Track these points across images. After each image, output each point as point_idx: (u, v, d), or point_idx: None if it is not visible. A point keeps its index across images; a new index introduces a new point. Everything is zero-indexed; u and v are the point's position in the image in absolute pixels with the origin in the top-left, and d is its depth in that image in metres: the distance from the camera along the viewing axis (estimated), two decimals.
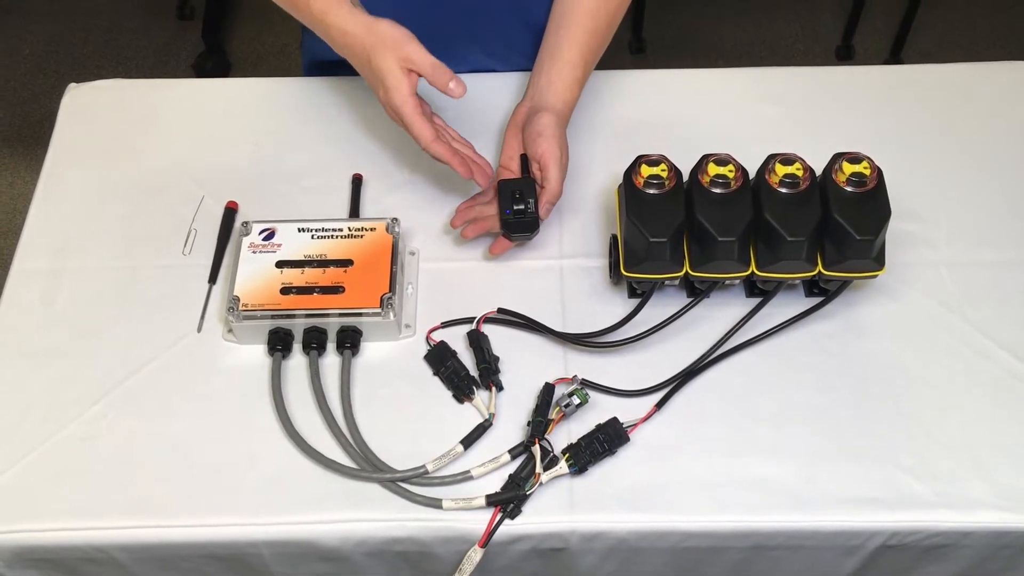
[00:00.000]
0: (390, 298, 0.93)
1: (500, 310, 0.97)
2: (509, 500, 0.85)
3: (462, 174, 0.96)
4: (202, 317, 0.97)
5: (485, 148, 1.09)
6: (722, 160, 0.91)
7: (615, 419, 0.89)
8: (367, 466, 0.87)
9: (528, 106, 1.03)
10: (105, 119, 1.14)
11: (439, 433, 0.89)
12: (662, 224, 0.89)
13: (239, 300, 0.93)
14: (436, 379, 0.94)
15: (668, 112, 1.14)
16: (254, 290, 0.94)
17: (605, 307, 0.97)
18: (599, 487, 0.87)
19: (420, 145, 0.95)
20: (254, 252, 0.97)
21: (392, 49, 0.93)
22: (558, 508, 0.86)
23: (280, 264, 0.96)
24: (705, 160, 0.91)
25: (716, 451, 0.89)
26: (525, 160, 1.01)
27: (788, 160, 0.91)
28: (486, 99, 1.12)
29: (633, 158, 0.93)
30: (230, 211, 1.05)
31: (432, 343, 0.95)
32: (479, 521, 0.85)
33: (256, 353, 0.95)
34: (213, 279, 1.00)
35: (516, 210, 0.97)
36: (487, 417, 0.90)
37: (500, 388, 0.92)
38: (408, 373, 0.94)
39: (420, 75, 0.94)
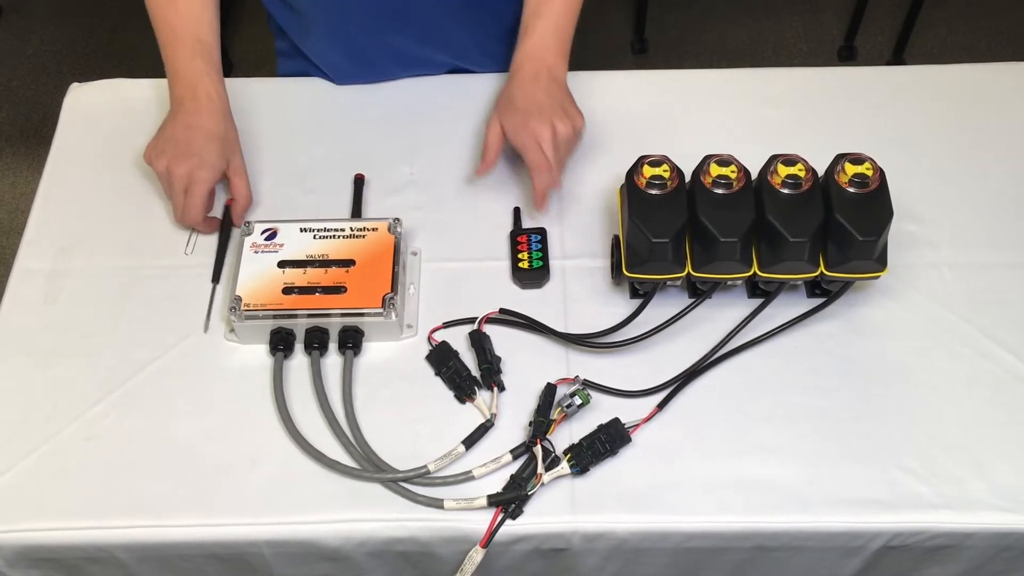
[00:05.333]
0: (392, 298, 0.93)
1: (502, 310, 0.97)
2: (511, 500, 0.85)
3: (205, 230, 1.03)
4: (207, 317, 0.97)
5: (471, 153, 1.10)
6: (724, 161, 0.91)
7: (617, 419, 0.89)
8: (369, 466, 0.87)
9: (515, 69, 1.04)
10: (108, 119, 1.14)
11: (441, 433, 0.89)
12: (664, 225, 0.89)
13: (241, 300, 0.93)
14: (438, 379, 0.94)
15: (670, 113, 1.14)
16: (256, 290, 0.94)
17: (607, 308, 0.97)
18: (601, 488, 0.87)
19: (175, 216, 1.02)
20: (256, 252, 0.97)
21: (232, 148, 1.03)
22: (560, 508, 0.86)
23: (282, 264, 0.96)
24: (707, 161, 0.91)
25: (718, 452, 0.89)
26: (517, 213, 1.03)
27: (790, 161, 0.91)
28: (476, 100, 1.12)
29: (635, 159, 0.93)
30: (231, 210, 1.04)
31: (434, 343, 0.95)
32: (481, 521, 0.85)
33: (258, 353, 0.95)
34: (216, 279, 1.00)
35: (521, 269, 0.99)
36: (489, 417, 0.90)
37: (502, 388, 0.92)
38: (410, 373, 0.94)
39: (224, 180, 1.03)
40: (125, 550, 0.86)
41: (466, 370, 0.93)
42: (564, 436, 0.89)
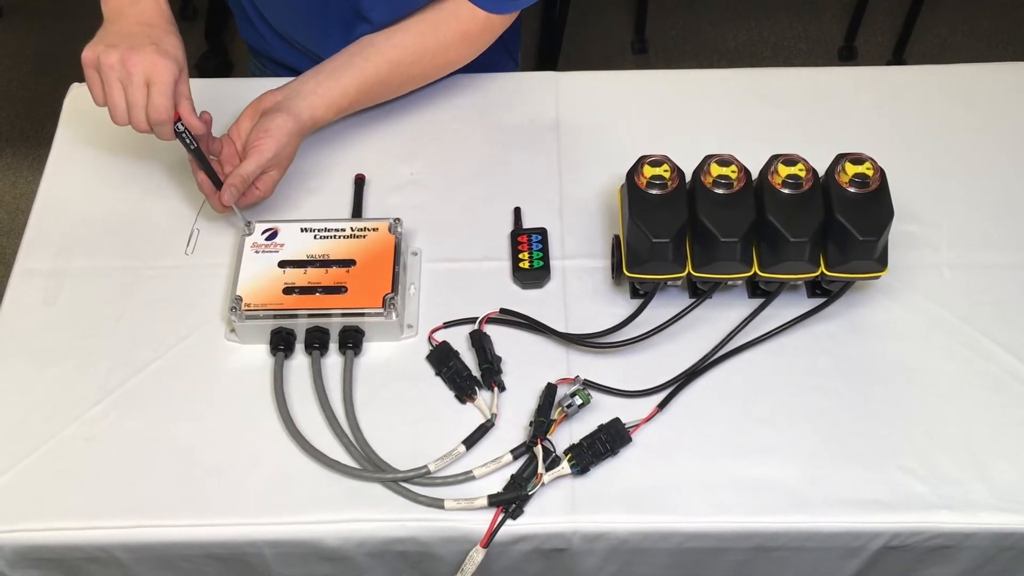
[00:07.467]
0: (392, 298, 0.93)
1: (502, 310, 0.97)
2: (511, 500, 0.85)
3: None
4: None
5: (472, 153, 1.09)
6: (725, 161, 0.91)
7: (617, 420, 0.89)
8: (369, 466, 0.87)
9: (280, 99, 1.03)
10: (107, 119, 1.14)
11: (441, 433, 0.89)
12: (665, 225, 0.89)
13: (242, 300, 0.93)
14: (438, 379, 0.94)
15: (670, 113, 1.14)
16: (257, 290, 0.94)
17: (607, 308, 0.97)
18: (601, 488, 0.87)
19: (131, 117, 0.93)
20: (257, 252, 0.97)
21: (178, 57, 0.93)
22: (560, 508, 0.86)
23: (283, 264, 0.96)
24: (708, 161, 0.91)
25: (718, 452, 0.89)
26: (518, 213, 1.03)
27: (791, 161, 0.91)
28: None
29: (635, 159, 0.93)
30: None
31: (434, 343, 0.95)
32: (481, 521, 0.85)
33: (259, 353, 0.95)
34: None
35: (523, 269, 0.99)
36: (489, 417, 0.90)
37: (502, 388, 0.92)
38: (410, 373, 0.94)
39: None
40: (125, 550, 0.86)
41: (467, 370, 0.93)
42: (564, 436, 0.89)
